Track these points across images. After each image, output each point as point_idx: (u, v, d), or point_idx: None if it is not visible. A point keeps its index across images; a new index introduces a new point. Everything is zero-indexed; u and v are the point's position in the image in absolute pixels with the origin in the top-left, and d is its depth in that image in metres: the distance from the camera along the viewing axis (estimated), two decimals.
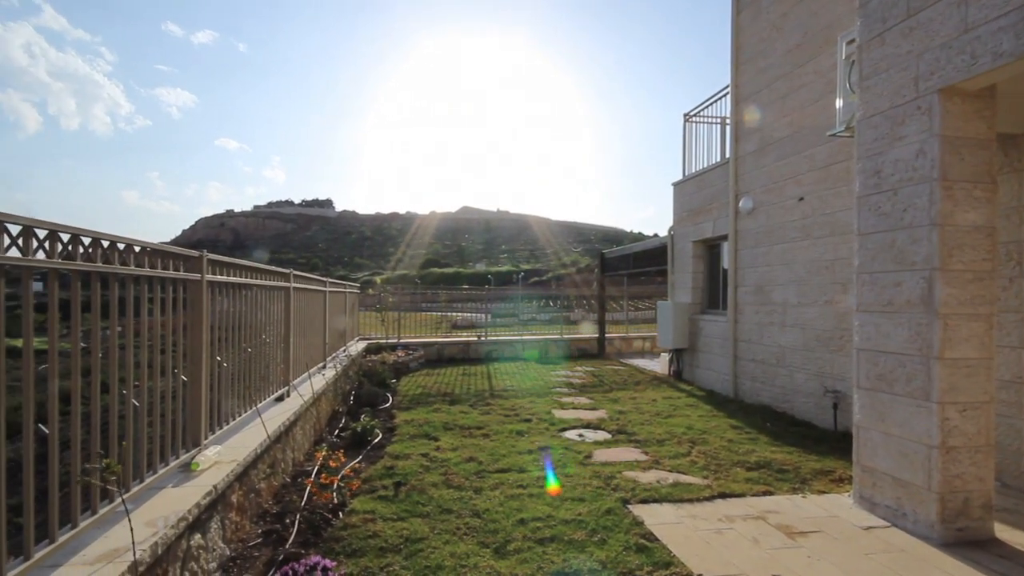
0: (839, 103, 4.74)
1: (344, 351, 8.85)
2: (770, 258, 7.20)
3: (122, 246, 2.32)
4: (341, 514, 3.56)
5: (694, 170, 9.58)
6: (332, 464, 4.23)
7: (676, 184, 10.08)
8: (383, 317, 12.91)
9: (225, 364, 3.53)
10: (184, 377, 3.00)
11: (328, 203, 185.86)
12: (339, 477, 4.00)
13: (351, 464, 4.58)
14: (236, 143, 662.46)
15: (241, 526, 3.19)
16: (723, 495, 4.01)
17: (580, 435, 5.74)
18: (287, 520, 3.39)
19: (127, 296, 2.42)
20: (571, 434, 5.78)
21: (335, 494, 3.74)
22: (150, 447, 2.61)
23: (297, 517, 3.38)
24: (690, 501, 3.90)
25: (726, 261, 8.41)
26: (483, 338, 13.35)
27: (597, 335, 13.86)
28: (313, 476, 3.96)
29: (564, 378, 9.68)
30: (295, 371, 5.39)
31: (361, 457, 4.86)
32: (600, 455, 5.00)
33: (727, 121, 8.61)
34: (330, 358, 7.52)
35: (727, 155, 8.47)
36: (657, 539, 3.27)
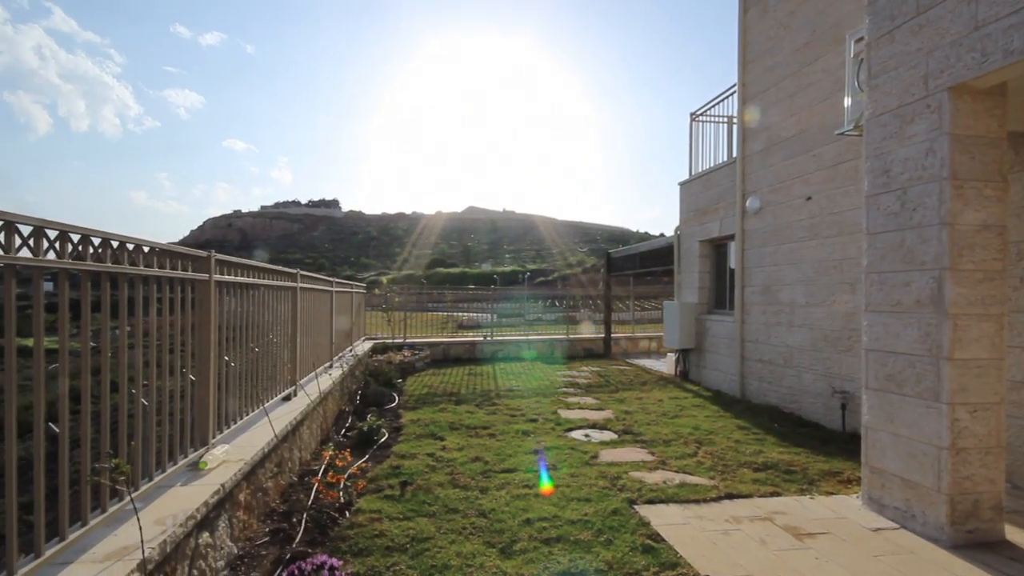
0: (847, 101, 4.71)
1: (350, 351, 8.88)
2: (777, 258, 7.16)
3: (131, 246, 2.34)
4: (348, 513, 3.58)
5: (700, 169, 9.54)
6: (339, 463, 4.24)
7: (682, 184, 10.05)
8: (389, 317, 12.95)
9: (233, 364, 3.55)
10: (192, 376, 3.02)
11: (334, 203, 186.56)
12: (346, 476, 4.01)
13: (357, 463, 4.59)
14: (243, 144, 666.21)
15: (248, 525, 3.21)
16: (730, 496, 3.99)
17: (586, 435, 5.74)
18: (294, 519, 3.41)
19: (136, 296, 2.44)
20: (577, 434, 5.77)
21: (341, 493, 3.75)
22: (159, 446, 2.63)
23: (304, 516, 3.39)
24: (697, 502, 3.89)
25: (733, 261, 8.37)
26: (489, 338, 13.36)
27: (603, 335, 13.83)
28: (320, 475, 3.97)
29: (570, 378, 9.67)
30: (302, 371, 5.41)
31: (367, 456, 4.87)
32: (606, 455, 4.99)
33: (734, 120, 8.56)
34: (337, 358, 7.55)
35: (734, 154, 8.43)
36: (663, 540, 3.26)
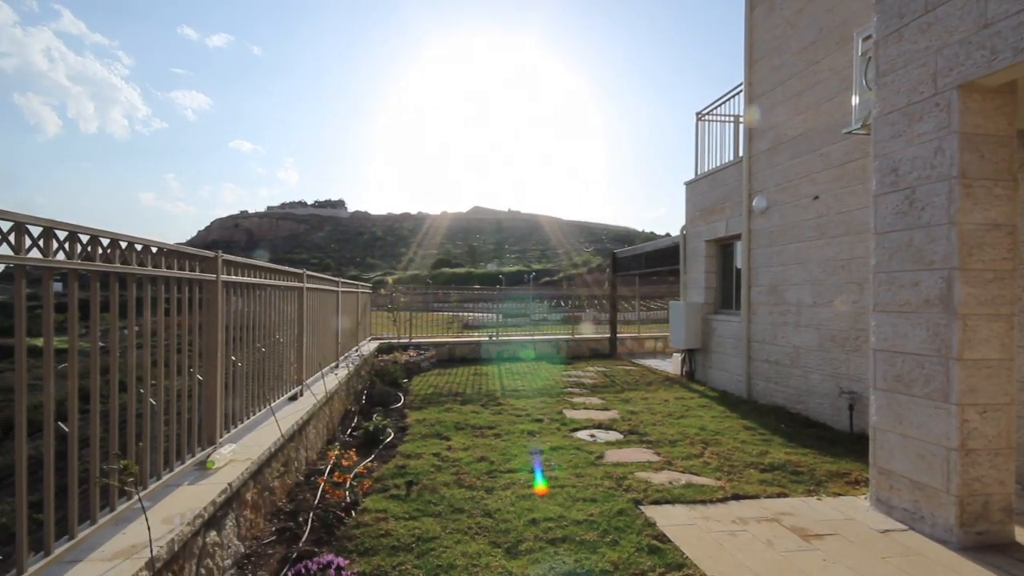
0: (855, 100, 4.68)
1: (356, 351, 8.90)
2: (784, 257, 7.13)
3: (139, 247, 2.36)
4: (354, 513, 3.59)
5: (707, 169, 9.51)
6: (345, 463, 4.26)
7: (688, 183, 10.01)
8: (395, 317, 12.98)
9: (239, 363, 3.57)
10: (200, 376, 3.04)
11: (340, 204, 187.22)
12: (352, 476, 4.03)
13: (363, 463, 4.61)
14: (250, 145, 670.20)
15: (255, 524, 3.22)
16: (736, 497, 3.98)
17: (592, 435, 5.73)
18: (300, 518, 3.42)
19: (144, 296, 2.46)
20: (583, 434, 5.77)
21: (348, 493, 3.76)
22: (167, 445, 2.65)
23: (310, 515, 3.40)
24: (703, 502, 3.87)
25: (739, 261, 8.34)
26: (494, 338, 13.36)
27: (609, 335, 13.81)
28: (326, 475, 3.99)
29: (575, 378, 9.66)
30: (308, 370, 5.43)
31: (373, 456, 4.89)
32: (612, 455, 4.98)
33: (740, 119, 8.53)
34: (343, 358, 7.58)
35: (740, 154, 8.40)
36: (669, 540, 3.25)
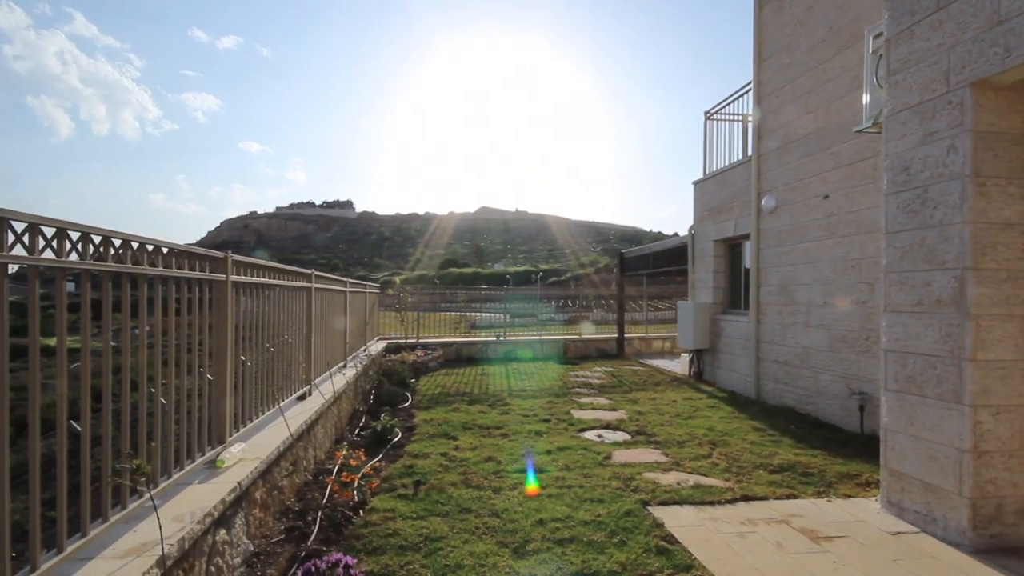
0: (866, 98, 4.64)
1: (364, 350, 8.94)
2: (793, 257, 7.07)
3: (151, 247, 2.38)
4: (362, 512, 3.60)
5: (715, 168, 9.45)
6: (353, 463, 4.28)
7: (697, 183, 9.97)
8: (402, 317, 13.01)
9: (249, 363, 3.60)
10: (209, 376, 3.06)
11: (348, 204, 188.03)
12: (359, 475, 4.04)
13: (371, 463, 4.62)
14: (259, 146, 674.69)
15: (264, 522, 3.24)
16: (745, 498, 3.95)
17: (599, 436, 5.71)
18: (309, 517, 3.44)
19: (155, 296, 2.48)
20: (590, 435, 5.75)
21: (356, 492, 3.78)
22: (177, 444, 2.67)
23: (319, 514, 3.42)
24: (711, 503, 3.85)
25: (748, 260, 8.29)
26: (501, 338, 13.36)
27: (616, 335, 13.77)
28: (334, 474, 4.01)
29: (583, 378, 9.64)
30: (316, 370, 5.46)
31: (381, 456, 4.90)
32: (619, 456, 4.96)
33: (749, 118, 8.48)
34: (351, 357, 7.61)
35: (749, 153, 8.34)
36: (678, 541, 3.23)
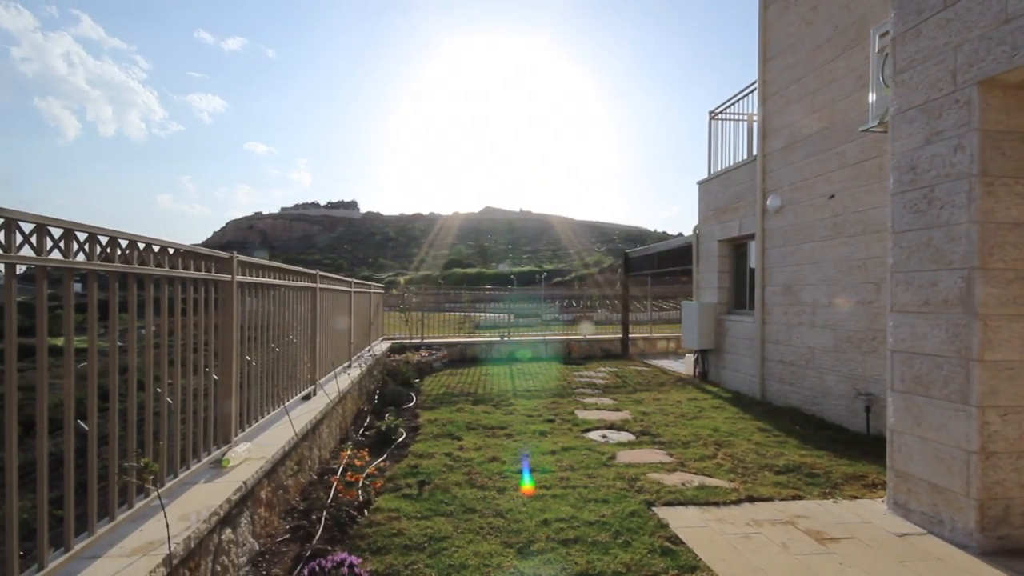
0: (872, 97, 4.61)
1: (369, 351, 8.96)
2: (799, 257, 7.05)
3: (157, 248, 2.39)
4: (366, 512, 3.61)
5: (720, 168, 9.43)
6: (357, 462, 4.28)
7: (701, 183, 9.94)
8: (407, 317, 13.04)
9: (254, 363, 3.61)
10: (215, 376, 3.07)
11: (353, 204, 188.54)
12: (364, 475, 4.05)
13: (376, 463, 4.63)
14: (264, 147, 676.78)
15: (270, 522, 3.25)
16: (750, 499, 3.94)
17: (604, 436, 5.71)
18: (314, 517, 3.45)
19: (161, 296, 2.50)
20: (594, 435, 5.75)
21: (360, 492, 3.79)
22: (183, 443, 2.68)
23: (324, 514, 3.43)
24: (716, 504, 3.84)
25: (753, 260, 8.26)
26: (506, 338, 13.37)
27: (621, 336, 13.75)
28: (339, 474, 4.02)
29: (587, 379, 9.63)
30: (321, 370, 5.48)
31: (386, 456, 4.91)
32: (624, 456, 4.96)
33: (754, 118, 8.45)
34: (355, 357, 7.62)
35: (754, 152, 8.32)
36: (682, 542, 3.22)
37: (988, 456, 3.15)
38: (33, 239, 1.73)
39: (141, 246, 2.27)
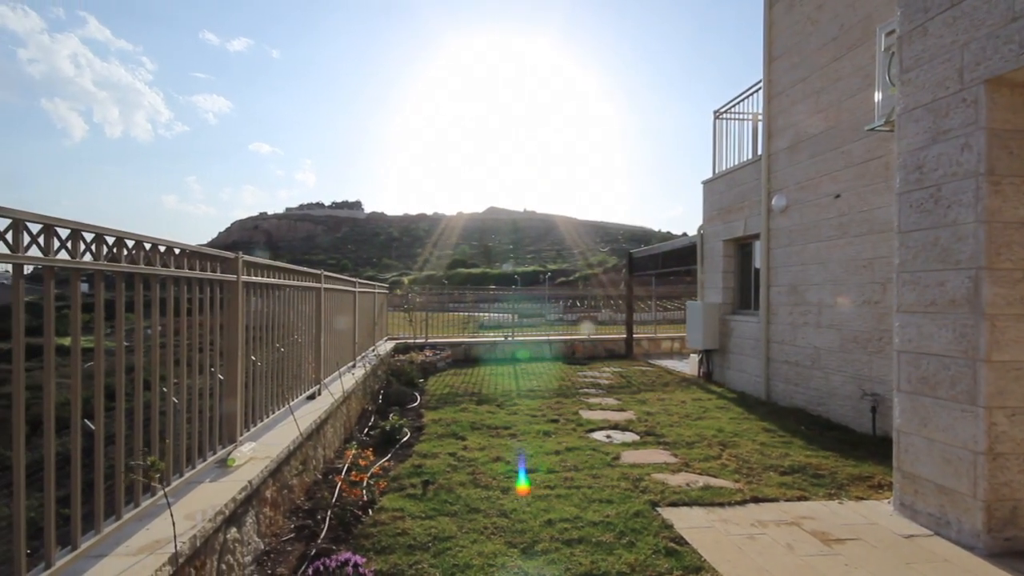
0: (878, 96, 4.59)
1: (373, 350, 8.98)
2: (804, 257, 7.02)
3: (163, 248, 2.40)
4: (371, 511, 3.62)
5: (725, 168, 9.41)
6: (362, 462, 4.29)
7: (706, 182, 9.92)
8: (411, 317, 13.05)
9: (259, 363, 3.62)
10: (220, 375, 3.09)
11: (357, 205, 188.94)
12: (368, 475, 4.06)
13: (380, 462, 4.64)
14: (269, 147, 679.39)
15: (274, 521, 3.27)
16: (755, 499, 3.93)
17: (608, 436, 5.70)
18: (318, 516, 3.46)
19: (167, 296, 2.51)
20: (599, 435, 5.74)
21: (365, 492, 3.80)
22: (189, 443, 2.69)
23: (328, 513, 3.44)
24: (721, 505, 3.83)
25: (758, 260, 8.23)
26: (510, 338, 13.36)
27: (625, 336, 13.73)
28: (343, 473, 4.03)
29: (591, 379, 9.62)
30: (326, 370, 5.49)
31: (390, 455, 4.92)
32: (628, 457, 4.95)
33: (759, 118, 8.42)
34: (360, 357, 7.64)
35: (759, 152, 8.28)
36: (687, 543, 3.21)
37: (995, 457, 3.13)
38: (40, 239, 1.75)
39: (147, 246, 2.28)
